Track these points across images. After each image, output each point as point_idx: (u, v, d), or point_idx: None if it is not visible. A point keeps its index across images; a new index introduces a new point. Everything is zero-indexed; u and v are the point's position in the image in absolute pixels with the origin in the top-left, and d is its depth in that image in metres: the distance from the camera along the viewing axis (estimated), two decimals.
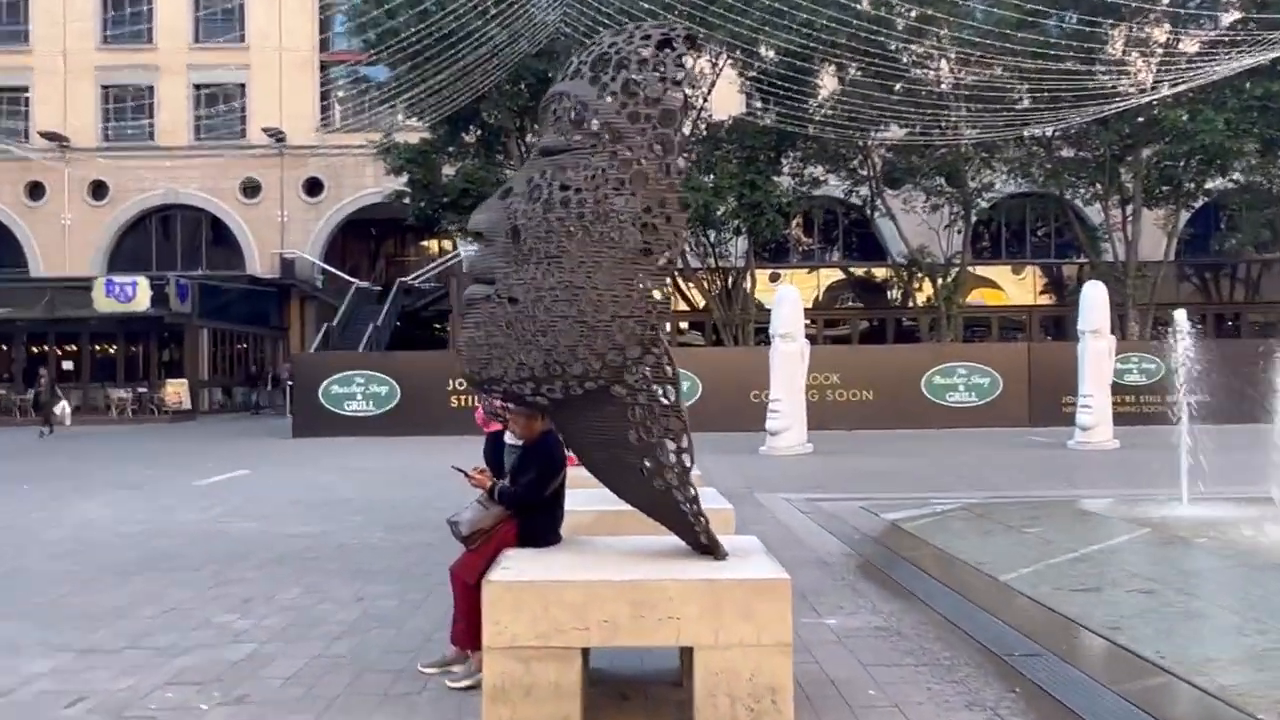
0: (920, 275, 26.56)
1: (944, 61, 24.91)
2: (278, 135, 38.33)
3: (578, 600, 4.71)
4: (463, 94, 23.12)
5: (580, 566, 5.05)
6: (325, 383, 23.68)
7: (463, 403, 23.52)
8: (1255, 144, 24.13)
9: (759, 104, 26.42)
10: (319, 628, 6.73)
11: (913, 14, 23.32)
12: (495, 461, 10.44)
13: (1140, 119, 24.17)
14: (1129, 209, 26.64)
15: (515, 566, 5.01)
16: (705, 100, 27.26)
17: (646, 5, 22.86)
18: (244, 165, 39.23)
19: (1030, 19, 22.10)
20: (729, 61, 25.91)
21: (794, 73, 23.24)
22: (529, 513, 5.61)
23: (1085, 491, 12.57)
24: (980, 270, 30.89)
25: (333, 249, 40.08)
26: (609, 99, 4.97)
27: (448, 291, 33.63)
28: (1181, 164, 25.18)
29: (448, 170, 26.47)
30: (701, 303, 29.74)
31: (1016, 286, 32.79)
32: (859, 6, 23.01)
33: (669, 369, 4.94)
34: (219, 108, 39.73)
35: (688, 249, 27.44)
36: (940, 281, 25.98)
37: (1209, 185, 26.54)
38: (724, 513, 7.12)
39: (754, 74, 25.14)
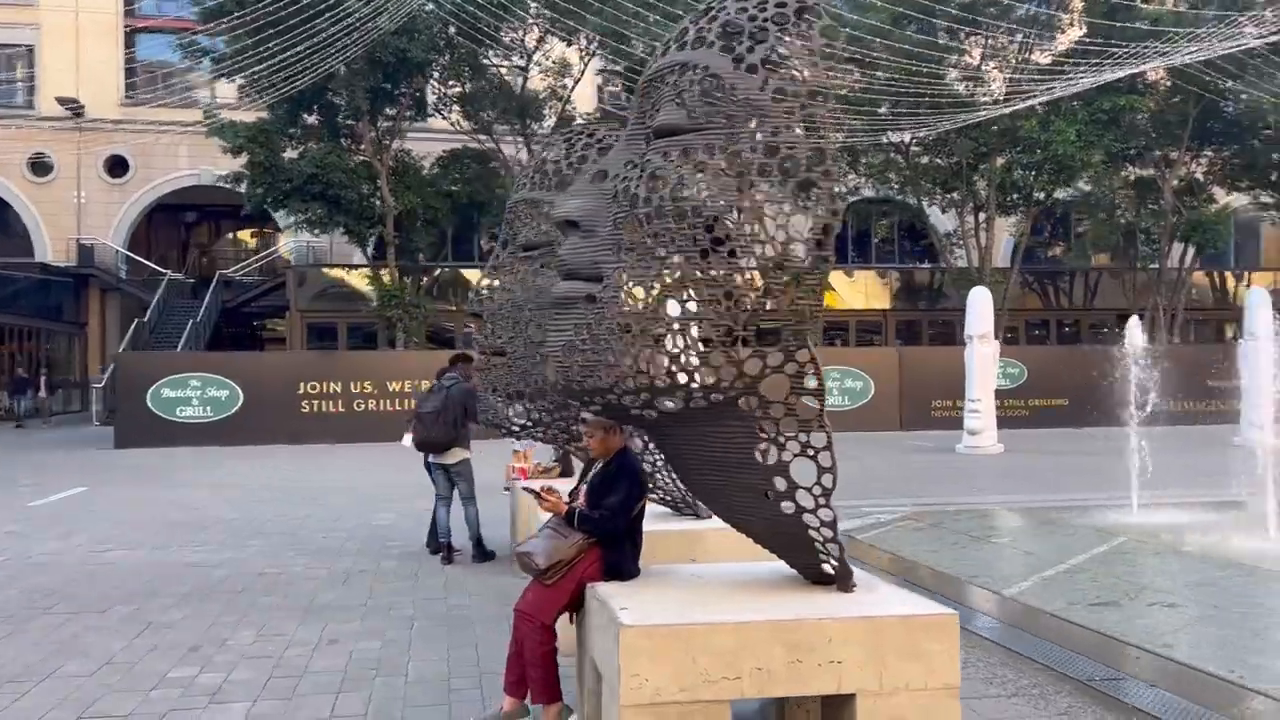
0: (786, 279, 26.71)
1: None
2: (75, 107, 34.74)
3: (729, 646, 4.06)
4: (309, 71, 21.48)
5: (707, 604, 4.38)
6: (154, 386, 21.46)
7: (316, 409, 21.90)
8: (1101, 155, 25.56)
9: (627, 98, 26.00)
10: (308, 679, 5.74)
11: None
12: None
13: (995, 128, 25.17)
14: (982, 216, 27.77)
15: (636, 607, 4.28)
16: (571, 91, 26.69)
17: None
18: (32, 139, 35.32)
19: (905, 16, 22.51)
20: (598, 52, 25.36)
21: None
22: (614, 540, 4.88)
23: (1005, 497, 12.68)
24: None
25: (138, 237, 36.75)
26: (747, 72, 4.33)
27: (284, 283, 31.36)
28: (1033, 173, 26.40)
29: (289, 154, 24.60)
30: None
31: (852, 289, 33.61)
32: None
33: (813, 378, 4.34)
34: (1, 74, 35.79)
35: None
36: (805, 284, 26.17)
37: (1057, 195, 28.01)
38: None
39: (623, 66, 24.63)
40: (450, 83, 25.80)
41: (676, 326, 4.30)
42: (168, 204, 36.81)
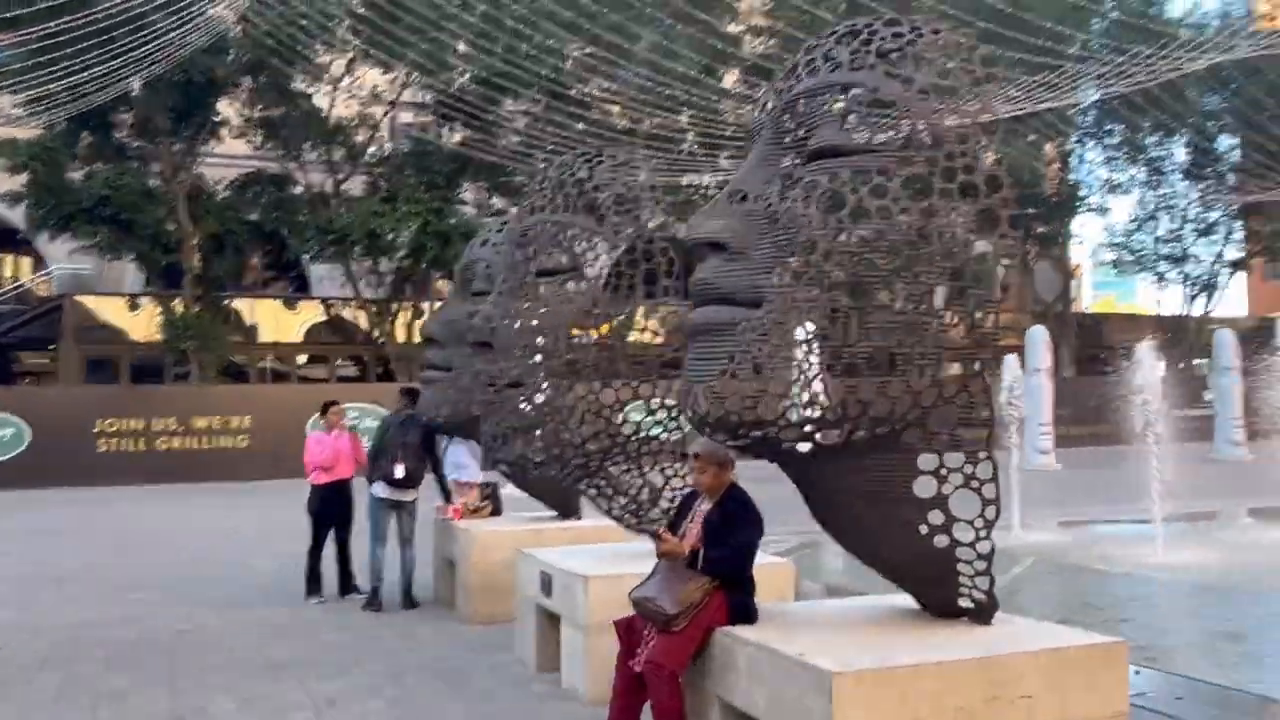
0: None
1: (619, 104, 25.23)
2: None
3: (935, 687, 3.94)
4: (105, 88, 19.52)
5: (890, 645, 4.23)
6: None
7: (114, 447, 19.80)
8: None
9: (443, 126, 25.17)
10: None
11: (588, 51, 23.23)
12: (326, 517, 8.69)
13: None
14: None
15: (818, 651, 4.07)
16: (383, 119, 25.73)
17: (334, 11, 21.06)
18: None
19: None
20: (415, 81, 24.52)
21: (487, 96, 22.48)
22: (740, 581, 4.65)
23: None
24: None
25: None
26: (919, 97, 4.30)
27: (53, 312, 28.07)
28: None
29: (73, 174, 22.27)
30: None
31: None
32: (557, 36, 22.62)
33: (985, 410, 4.31)
34: None
35: (359, 279, 25.43)
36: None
37: None
38: (782, 569, 6.46)
39: (440, 96, 23.87)
40: (259, 106, 24.24)
41: (852, 356, 4.17)
42: None
